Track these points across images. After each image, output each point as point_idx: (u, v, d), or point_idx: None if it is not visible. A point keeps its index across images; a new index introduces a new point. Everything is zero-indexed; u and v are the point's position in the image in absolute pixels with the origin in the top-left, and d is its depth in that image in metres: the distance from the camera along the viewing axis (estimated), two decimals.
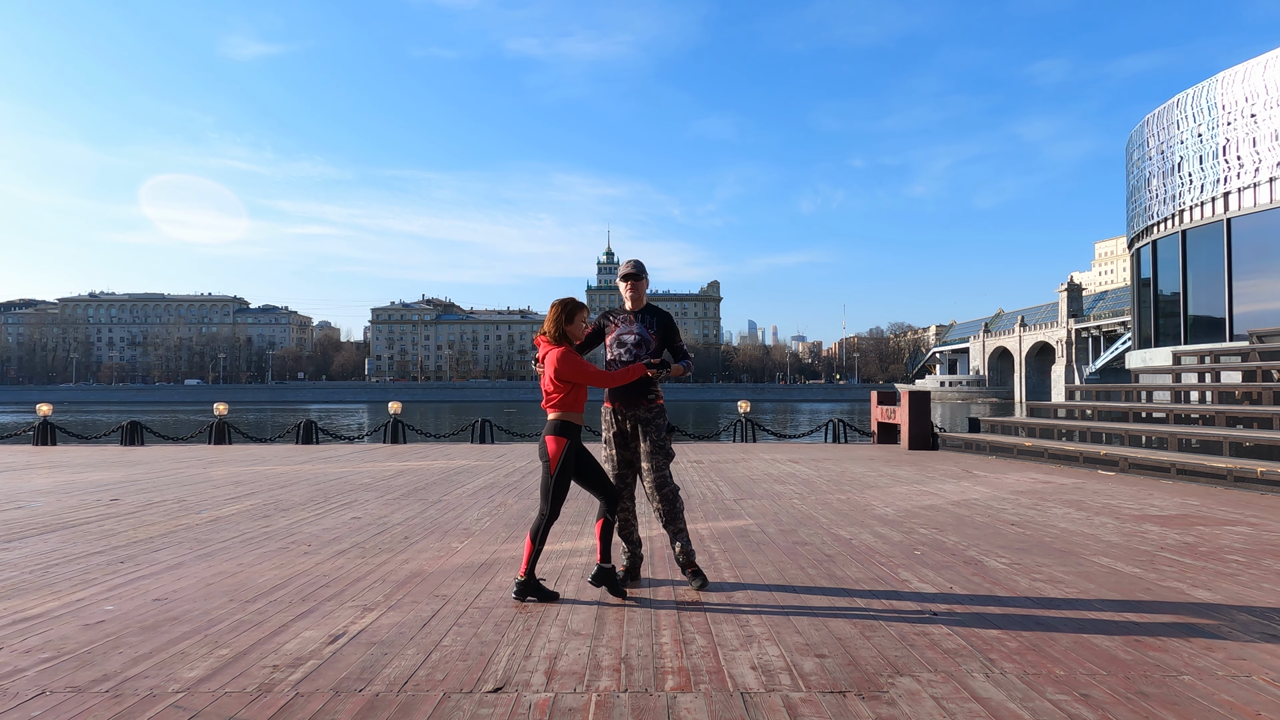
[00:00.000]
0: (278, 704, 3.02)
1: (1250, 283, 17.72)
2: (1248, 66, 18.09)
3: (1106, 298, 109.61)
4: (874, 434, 16.60)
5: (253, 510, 7.77)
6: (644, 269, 4.91)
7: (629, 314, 4.88)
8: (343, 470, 11.57)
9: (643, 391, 4.73)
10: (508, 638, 3.83)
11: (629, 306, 4.91)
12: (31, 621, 4.09)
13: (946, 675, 3.32)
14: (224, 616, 4.17)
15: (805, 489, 9.22)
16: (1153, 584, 4.85)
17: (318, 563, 5.45)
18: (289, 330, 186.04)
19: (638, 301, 4.88)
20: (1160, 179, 20.71)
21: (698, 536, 6.38)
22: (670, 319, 4.92)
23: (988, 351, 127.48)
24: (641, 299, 4.90)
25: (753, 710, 2.97)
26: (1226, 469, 9.40)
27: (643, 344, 4.76)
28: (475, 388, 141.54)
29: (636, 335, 4.78)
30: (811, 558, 5.57)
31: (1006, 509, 7.75)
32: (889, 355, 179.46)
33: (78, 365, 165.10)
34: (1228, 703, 3.04)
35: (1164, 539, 6.25)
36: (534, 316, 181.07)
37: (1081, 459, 11.59)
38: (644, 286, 4.89)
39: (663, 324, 4.85)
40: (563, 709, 2.98)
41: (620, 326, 4.84)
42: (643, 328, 4.80)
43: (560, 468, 4.40)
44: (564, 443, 4.40)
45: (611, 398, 4.79)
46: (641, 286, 4.87)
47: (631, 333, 4.79)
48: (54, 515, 7.49)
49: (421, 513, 7.62)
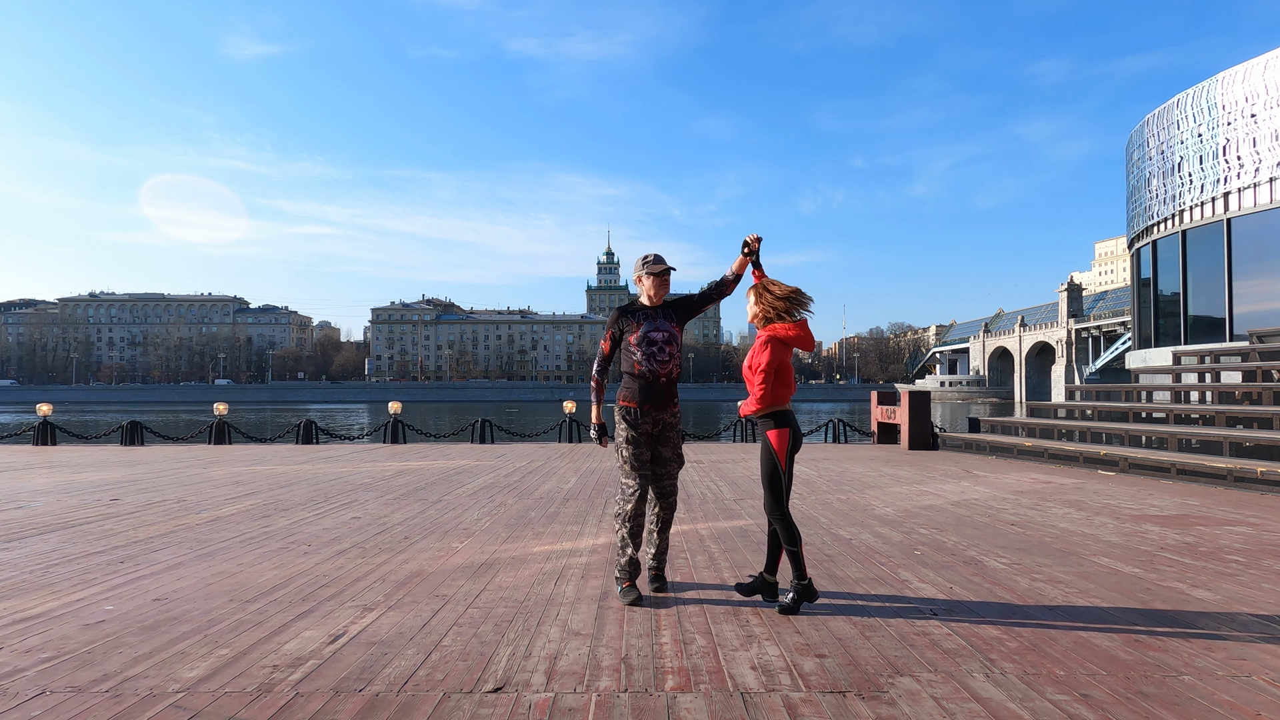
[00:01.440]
0: (278, 704, 3.02)
1: (1250, 283, 17.73)
2: (1248, 66, 18.09)
3: (1106, 298, 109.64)
4: (874, 434, 16.59)
5: (253, 510, 7.77)
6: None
7: (649, 310, 4.62)
8: (343, 470, 11.57)
9: (672, 394, 4.56)
10: (508, 638, 3.83)
11: (654, 302, 4.65)
12: (31, 621, 4.09)
13: (946, 675, 3.32)
14: (224, 616, 4.17)
15: (805, 489, 9.22)
16: (1153, 584, 4.85)
17: (318, 563, 5.45)
18: (289, 330, 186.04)
19: (660, 297, 4.66)
20: (1160, 179, 20.71)
21: (698, 536, 6.38)
22: (682, 297, 4.73)
23: (988, 351, 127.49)
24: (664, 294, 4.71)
25: (753, 710, 2.97)
26: (1226, 469, 9.40)
27: (672, 340, 4.56)
28: (475, 388, 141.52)
29: (666, 333, 4.54)
30: (811, 558, 5.57)
31: (1006, 509, 7.75)
32: (889, 355, 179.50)
33: (78, 365, 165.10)
34: (1228, 703, 3.04)
35: (1164, 539, 6.25)
36: (534, 316, 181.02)
37: (1081, 459, 11.59)
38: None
39: (680, 309, 4.67)
40: (563, 709, 2.98)
41: (644, 324, 4.55)
42: (666, 323, 4.58)
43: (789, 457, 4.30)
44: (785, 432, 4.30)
45: (640, 399, 4.51)
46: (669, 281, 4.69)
47: (659, 329, 4.54)
48: (54, 515, 7.49)
49: (421, 513, 7.62)
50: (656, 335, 4.53)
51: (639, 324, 4.57)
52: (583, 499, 8.55)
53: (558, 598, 4.54)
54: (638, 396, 4.52)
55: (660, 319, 4.59)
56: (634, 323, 4.58)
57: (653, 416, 4.53)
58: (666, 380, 4.54)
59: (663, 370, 4.52)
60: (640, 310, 4.64)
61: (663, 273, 4.61)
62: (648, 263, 4.62)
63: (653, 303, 4.66)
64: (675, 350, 4.57)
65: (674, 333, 4.59)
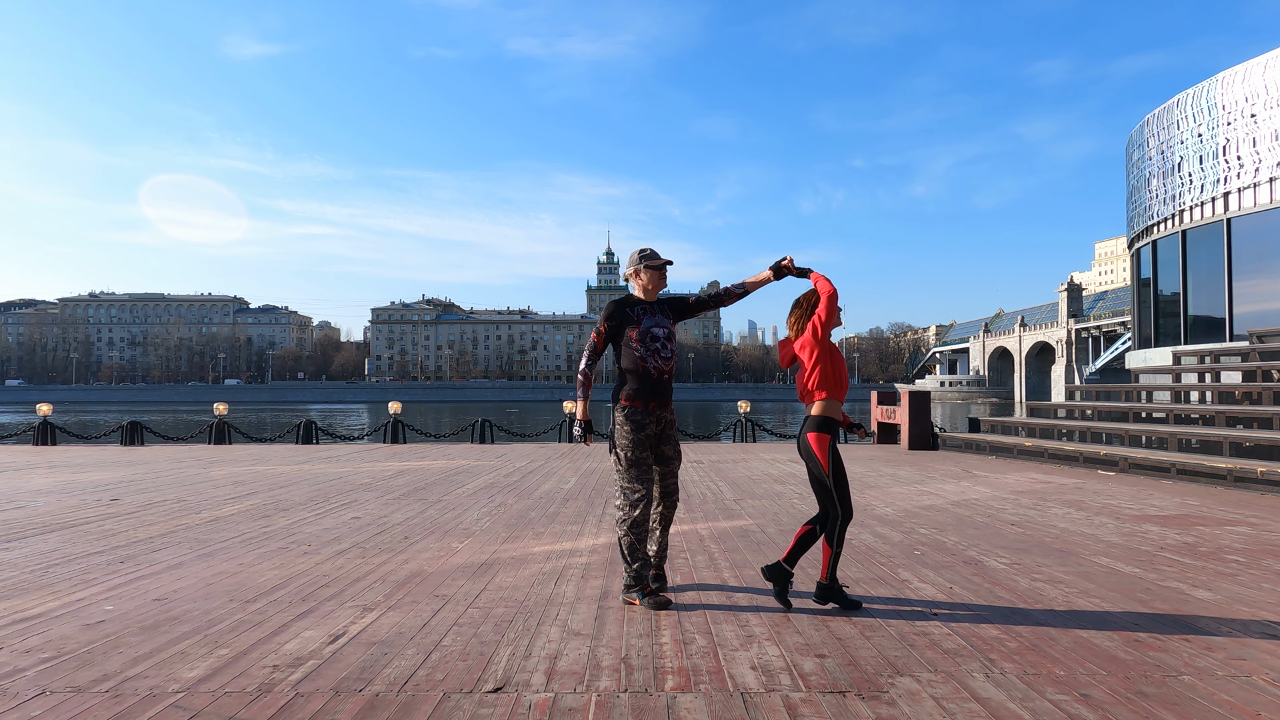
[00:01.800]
0: (278, 704, 3.02)
1: (1250, 283, 17.72)
2: (1248, 66, 18.08)
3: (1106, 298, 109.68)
4: (874, 434, 16.60)
5: (253, 510, 7.77)
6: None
7: (647, 305, 4.54)
8: (343, 470, 11.57)
9: (670, 393, 4.52)
10: (508, 638, 3.82)
11: (650, 297, 4.56)
12: (31, 621, 4.09)
13: (946, 675, 3.32)
14: (224, 616, 4.17)
15: (805, 489, 9.21)
16: (1153, 584, 4.85)
17: (318, 563, 5.45)
18: (289, 330, 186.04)
19: (654, 293, 4.59)
20: (1160, 179, 20.71)
21: (698, 536, 6.38)
22: (674, 298, 4.67)
23: (988, 351, 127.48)
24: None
25: (753, 710, 2.97)
26: (1226, 469, 9.40)
27: (672, 336, 4.52)
28: (475, 388, 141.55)
29: (666, 329, 4.49)
30: (811, 558, 5.57)
31: (1006, 509, 7.75)
32: (889, 355, 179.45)
33: (78, 365, 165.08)
34: (1228, 703, 3.04)
35: (1164, 539, 6.25)
36: (534, 316, 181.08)
37: (1081, 459, 11.59)
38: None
39: (675, 308, 4.62)
40: (563, 709, 2.98)
41: (645, 319, 4.47)
42: (664, 319, 4.52)
43: (834, 462, 4.20)
44: (827, 438, 4.23)
45: (645, 397, 4.41)
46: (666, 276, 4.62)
47: (659, 325, 4.48)
48: (54, 515, 7.49)
49: (421, 513, 7.62)
50: (659, 331, 4.45)
51: (639, 318, 4.47)
52: (583, 499, 8.54)
53: (558, 598, 4.54)
54: (644, 395, 4.41)
55: (659, 314, 4.52)
56: (634, 317, 4.47)
57: (658, 415, 4.46)
58: (669, 377, 4.50)
59: (666, 367, 4.46)
60: (639, 304, 4.54)
61: (661, 266, 4.53)
62: (645, 256, 4.54)
63: (649, 297, 4.56)
64: (675, 348, 4.53)
65: (672, 330, 4.54)
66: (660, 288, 4.59)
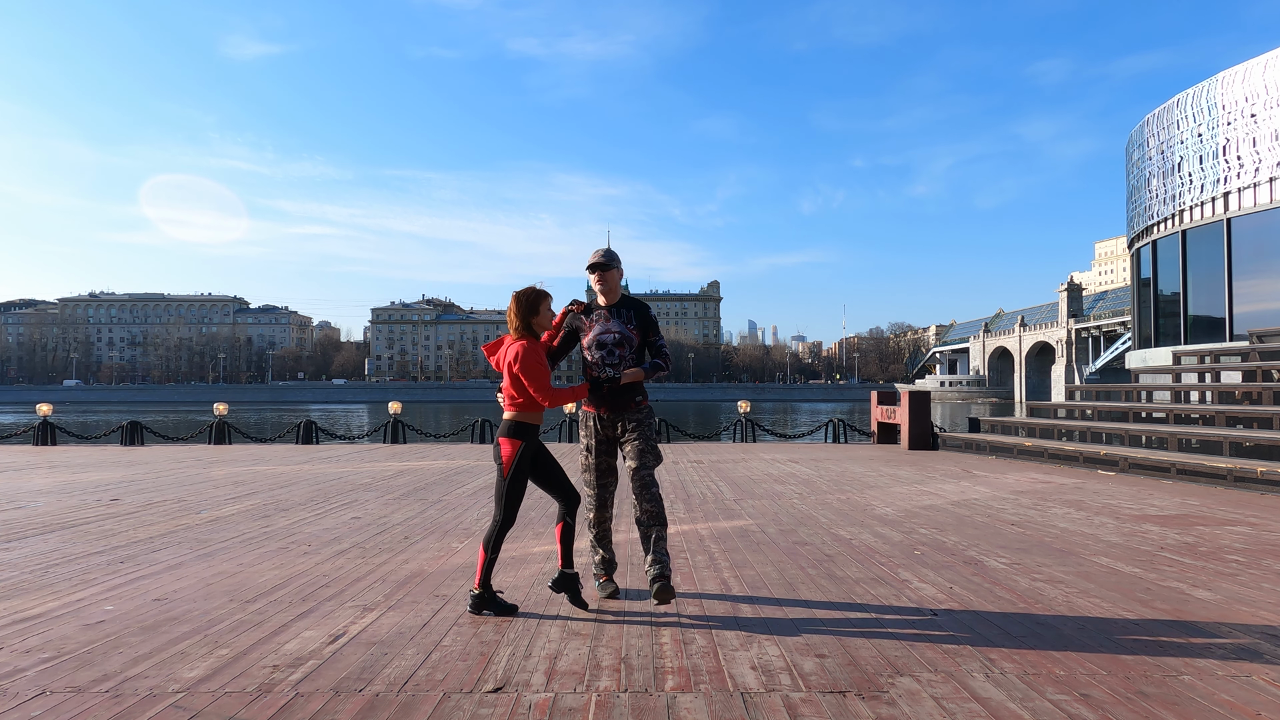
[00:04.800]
0: (278, 704, 3.02)
1: (1250, 283, 17.72)
2: (1248, 66, 18.08)
3: (1106, 298, 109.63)
4: (874, 434, 16.60)
5: (253, 510, 7.77)
6: (616, 258, 4.45)
7: (604, 310, 4.40)
8: (343, 470, 11.57)
9: (631, 394, 4.36)
10: (508, 638, 3.82)
11: (602, 301, 4.42)
12: (31, 621, 4.09)
13: (946, 675, 3.31)
14: (224, 616, 4.17)
15: (805, 489, 9.22)
16: (1153, 584, 4.84)
17: (318, 563, 5.45)
18: (289, 330, 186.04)
19: (611, 294, 4.41)
20: (1160, 179, 20.71)
21: (698, 536, 6.38)
22: (648, 311, 4.49)
23: (988, 351, 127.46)
24: (615, 291, 4.44)
25: (753, 710, 2.97)
26: (1226, 469, 9.40)
27: (625, 342, 4.34)
28: (475, 388, 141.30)
29: (617, 334, 4.33)
30: (812, 558, 5.57)
31: (1006, 509, 7.75)
32: (889, 355, 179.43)
33: (78, 365, 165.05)
34: (1228, 703, 3.04)
35: (1164, 539, 6.25)
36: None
37: (1081, 459, 11.59)
38: (615, 277, 4.42)
39: (641, 317, 4.42)
40: (563, 709, 2.98)
41: (597, 325, 4.36)
42: (622, 324, 4.36)
43: (514, 472, 4.19)
44: (518, 445, 4.19)
45: (595, 402, 4.37)
46: (612, 277, 4.40)
47: (611, 331, 4.34)
48: (54, 515, 7.49)
49: (421, 513, 7.62)
50: (607, 338, 4.34)
51: (593, 324, 4.39)
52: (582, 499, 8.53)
53: (558, 597, 4.53)
54: (594, 401, 4.39)
55: (614, 319, 4.38)
56: (588, 322, 4.41)
57: (612, 418, 4.41)
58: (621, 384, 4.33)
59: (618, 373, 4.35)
60: (596, 309, 4.43)
61: (593, 268, 4.38)
62: (588, 260, 4.43)
63: (608, 301, 4.43)
64: (627, 352, 4.35)
65: (628, 333, 4.36)
66: (609, 290, 4.42)
